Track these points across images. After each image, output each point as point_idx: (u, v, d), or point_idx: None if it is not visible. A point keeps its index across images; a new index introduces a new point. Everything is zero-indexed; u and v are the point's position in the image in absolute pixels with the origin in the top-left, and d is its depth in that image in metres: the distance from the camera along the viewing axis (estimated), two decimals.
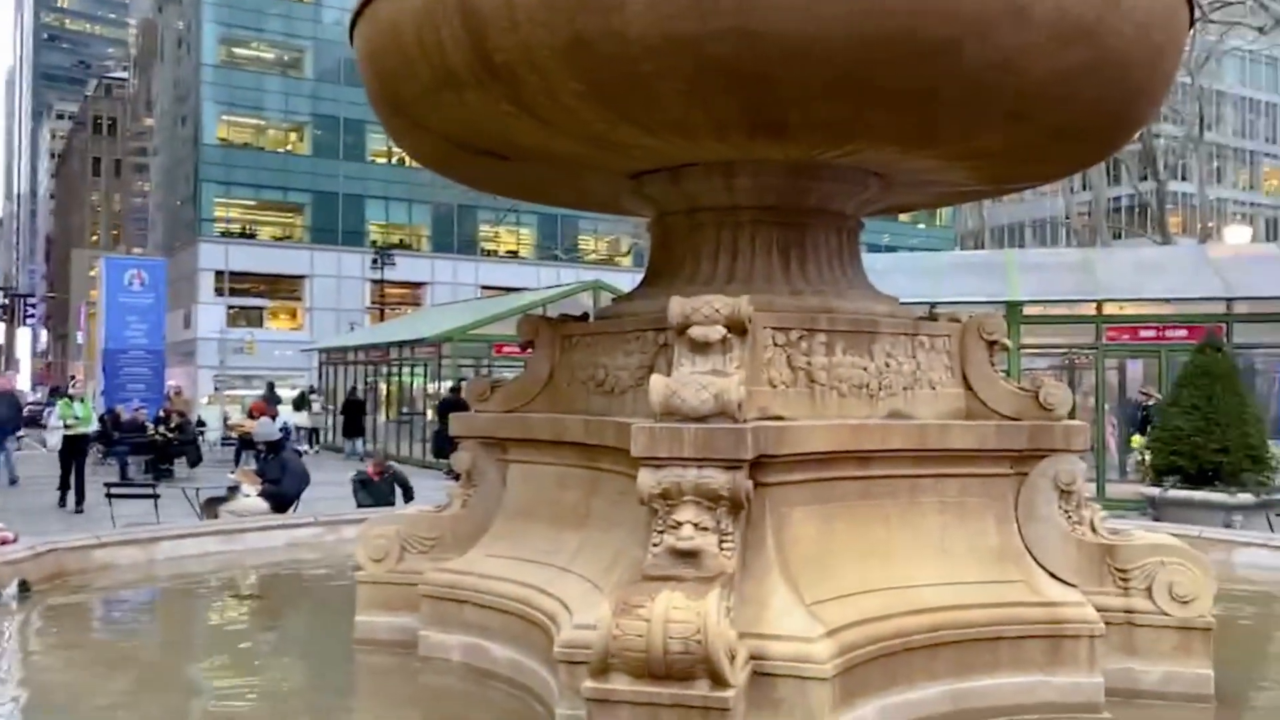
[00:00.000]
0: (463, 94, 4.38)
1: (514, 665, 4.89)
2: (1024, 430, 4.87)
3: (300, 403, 30.06)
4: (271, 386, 30.37)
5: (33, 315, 78.33)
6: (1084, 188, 46.95)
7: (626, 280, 41.58)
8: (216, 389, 39.86)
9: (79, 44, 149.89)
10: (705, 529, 4.06)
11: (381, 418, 29.07)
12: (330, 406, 31.10)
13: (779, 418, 4.52)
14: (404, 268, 48.95)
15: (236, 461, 20.97)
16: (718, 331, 4.30)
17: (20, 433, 22.94)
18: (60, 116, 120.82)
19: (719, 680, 3.55)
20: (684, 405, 4.13)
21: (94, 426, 17.28)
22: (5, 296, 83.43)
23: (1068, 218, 43.29)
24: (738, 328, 4.33)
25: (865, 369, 4.83)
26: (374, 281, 47.37)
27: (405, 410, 28.37)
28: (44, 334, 79.02)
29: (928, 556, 4.64)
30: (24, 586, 6.66)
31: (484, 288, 53.12)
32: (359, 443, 25.88)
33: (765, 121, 4.38)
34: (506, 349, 24.36)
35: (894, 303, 5.38)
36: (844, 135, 4.53)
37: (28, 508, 14.79)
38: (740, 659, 3.75)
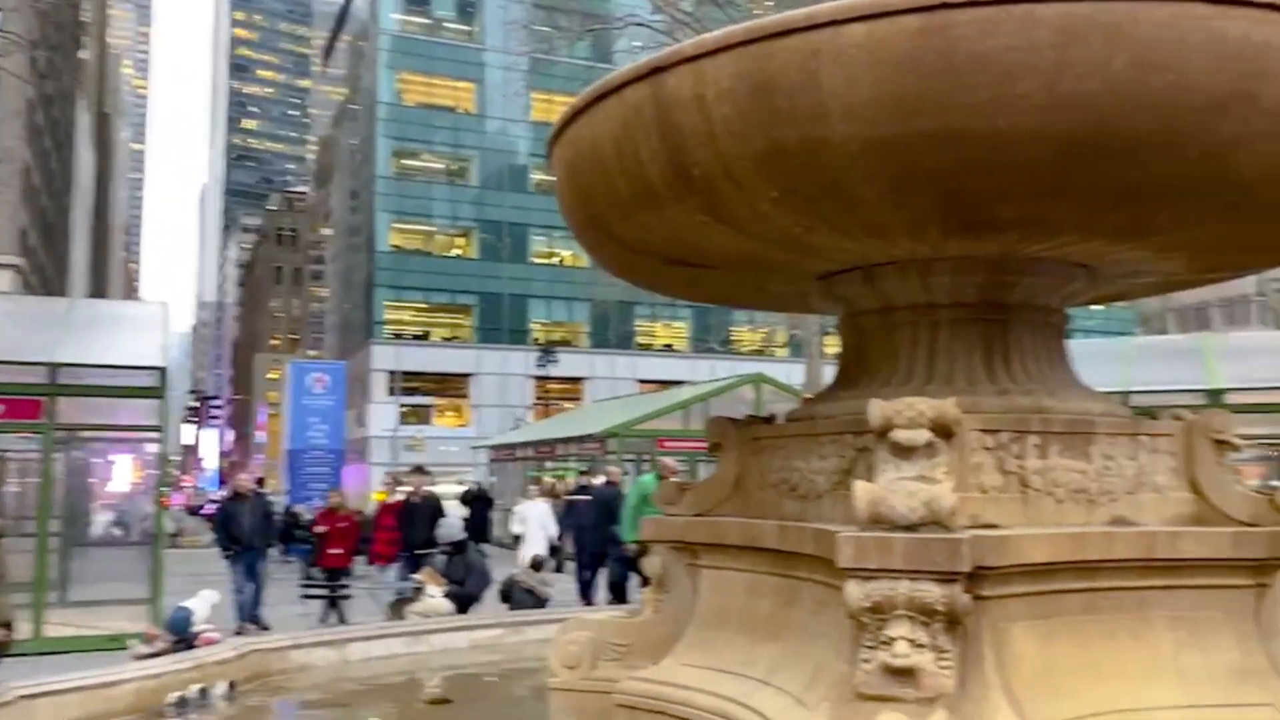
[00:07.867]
0: (660, 207, 4.45)
1: None
2: (1262, 537, 4.48)
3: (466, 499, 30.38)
4: (479, 487, 29.03)
5: (217, 417, 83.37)
6: None
7: (783, 371, 41.27)
8: (386, 485, 40.90)
9: (264, 162, 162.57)
10: (921, 645, 3.86)
11: None
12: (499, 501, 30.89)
13: (992, 526, 4.30)
14: (565, 364, 50.17)
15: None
16: (923, 435, 4.15)
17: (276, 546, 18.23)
18: (246, 229, 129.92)
19: None
20: (893, 513, 3.98)
21: None
22: (195, 399, 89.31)
23: (1262, 294, 40.59)
24: (944, 431, 4.16)
25: (1083, 472, 4.55)
26: (537, 378, 48.60)
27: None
28: (228, 434, 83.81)
29: (1161, 677, 4.28)
30: (231, 686, 6.96)
31: (641, 381, 53.77)
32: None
33: (966, 221, 4.28)
34: (669, 444, 24.40)
35: (1109, 400, 5.09)
36: (1050, 231, 4.38)
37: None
38: None
